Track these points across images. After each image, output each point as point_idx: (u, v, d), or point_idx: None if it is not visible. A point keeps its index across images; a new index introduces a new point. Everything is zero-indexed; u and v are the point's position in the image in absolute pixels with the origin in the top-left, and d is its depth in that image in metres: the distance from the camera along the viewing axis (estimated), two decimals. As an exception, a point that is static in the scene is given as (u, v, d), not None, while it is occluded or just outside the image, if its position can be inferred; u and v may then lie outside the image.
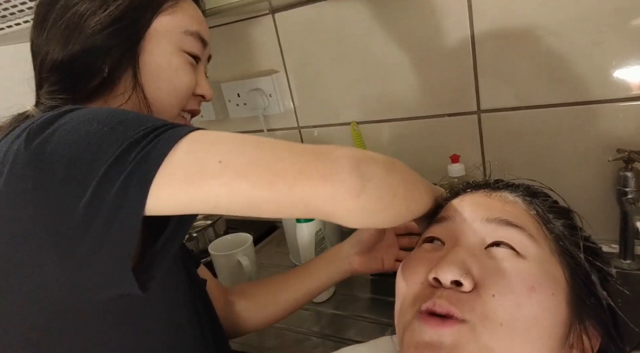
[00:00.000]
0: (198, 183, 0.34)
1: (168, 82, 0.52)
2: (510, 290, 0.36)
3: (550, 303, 0.37)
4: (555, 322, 0.37)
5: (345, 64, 0.96)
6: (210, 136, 0.36)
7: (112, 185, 0.33)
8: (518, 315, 0.35)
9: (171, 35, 0.52)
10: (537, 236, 0.40)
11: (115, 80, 0.50)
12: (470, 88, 0.85)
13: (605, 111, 0.76)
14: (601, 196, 0.79)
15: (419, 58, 0.88)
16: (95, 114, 0.37)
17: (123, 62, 0.49)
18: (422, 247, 0.45)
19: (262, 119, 1.09)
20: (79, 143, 0.35)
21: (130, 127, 0.36)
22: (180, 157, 0.34)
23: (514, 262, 0.38)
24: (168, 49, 0.52)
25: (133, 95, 0.50)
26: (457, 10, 0.81)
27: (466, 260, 0.38)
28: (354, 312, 0.80)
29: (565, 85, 0.78)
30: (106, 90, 0.50)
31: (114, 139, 0.35)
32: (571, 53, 0.75)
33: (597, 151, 0.78)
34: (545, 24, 0.75)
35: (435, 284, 0.39)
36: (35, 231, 0.35)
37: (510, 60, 0.80)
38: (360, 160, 0.36)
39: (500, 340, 0.35)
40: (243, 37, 1.07)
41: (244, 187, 0.34)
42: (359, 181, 0.35)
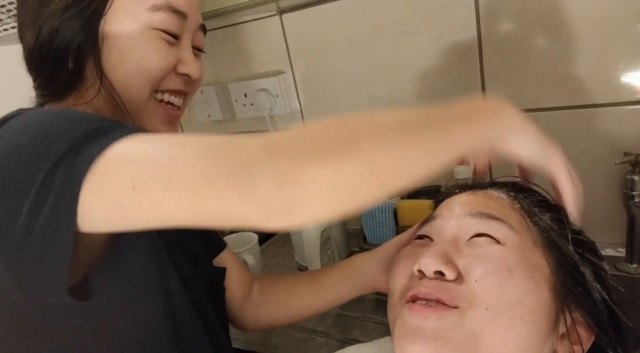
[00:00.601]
0: (119, 209, 0.33)
1: (136, 64, 0.48)
2: (490, 272, 0.38)
3: (529, 284, 0.38)
4: (538, 304, 0.38)
5: (352, 65, 0.97)
6: (128, 150, 0.34)
7: (42, 208, 0.33)
8: (501, 298, 0.37)
9: (136, 14, 0.47)
10: (519, 228, 0.42)
11: (81, 72, 0.47)
12: (477, 90, 0.85)
13: (612, 114, 0.76)
14: (608, 200, 0.79)
15: (426, 60, 0.89)
16: (26, 123, 0.37)
17: (84, 50, 0.46)
18: (412, 243, 0.48)
19: (269, 120, 1.10)
20: (10, 159, 0.34)
21: (55, 140, 0.34)
22: (98, 179, 0.33)
23: (492, 248, 0.40)
24: (134, 29, 0.47)
25: (101, 85, 0.47)
26: (465, 11, 0.81)
27: (448, 251, 0.41)
28: (359, 313, 0.81)
29: (573, 88, 0.78)
30: (77, 84, 0.48)
31: (39, 157, 0.34)
32: (579, 56, 0.75)
33: (604, 154, 0.78)
34: (553, 27, 0.76)
35: (420, 276, 0.41)
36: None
37: (517, 63, 0.80)
38: (286, 175, 0.30)
39: (486, 325, 0.36)
40: (250, 37, 1.07)
41: (164, 215, 0.33)
42: (282, 202, 0.30)
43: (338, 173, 0.30)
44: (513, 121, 0.39)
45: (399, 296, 0.43)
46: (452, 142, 0.35)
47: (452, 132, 0.35)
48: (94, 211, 0.33)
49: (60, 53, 0.47)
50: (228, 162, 0.31)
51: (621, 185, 0.74)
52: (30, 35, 0.47)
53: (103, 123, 0.36)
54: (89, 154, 0.33)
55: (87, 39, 0.46)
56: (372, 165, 0.31)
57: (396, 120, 0.34)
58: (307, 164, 0.30)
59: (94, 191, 0.33)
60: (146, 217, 0.33)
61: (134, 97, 0.49)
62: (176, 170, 0.32)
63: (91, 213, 0.33)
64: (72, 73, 0.47)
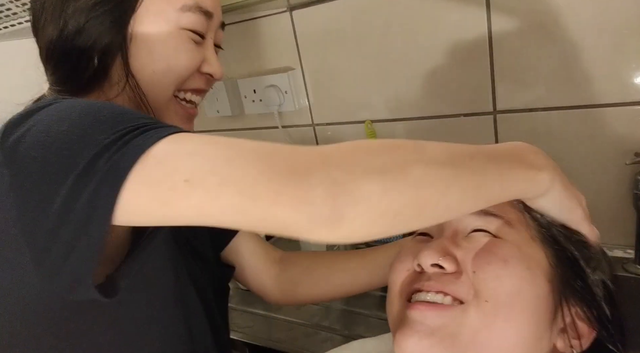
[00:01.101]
0: (166, 202, 0.32)
1: (164, 64, 0.48)
2: (487, 263, 0.38)
3: (525, 275, 0.38)
4: (536, 295, 0.38)
5: (361, 62, 0.97)
6: (181, 144, 0.33)
7: (79, 197, 0.32)
8: (499, 289, 0.37)
9: (166, 14, 0.47)
10: (517, 223, 0.42)
11: (107, 70, 0.47)
12: (487, 88, 0.85)
13: (623, 114, 0.75)
14: (618, 200, 0.79)
15: (435, 57, 0.88)
16: (69, 111, 0.36)
17: (112, 48, 0.46)
18: (411, 241, 0.48)
19: (277, 116, 1.10)
20: (50, 146, 0.33)
21: (102, 129, 0.34)
22: (147, 172, 0.32)
23: (488, 240, 0.41)
24: (164, 29, 0.47)
25: (128, 84, 0.47)
26: (475, 9, 0.81)
27: (447, 246, 0.41)
28: (364, 309, 0.81)
29: (584, 88, 0.77)
30: (100, 81, 0.48)
31: (83, 145, 0.33)
32: (590, 55, 0.75)
33: (614, 155, 0.77)
34: (565, 25, 0.75)
35: (420, 270, 0.41)
36: (11, 231, 0.34)
37: (528, 61, 0.80)
38: (341, 186, 0.30)
39: (486, 317, 0.37)
40: (260, 34, 1.08)
41: (213, 212, 0.32)
42: (334, 213, 0.30)
43: (386, 194, 0.30)
44: (548, 184, 0.39)
45: (398, 291, 0.43)
46: (491, 191, 0.35)
47: (492, 182, 0.35)
48: (136, 202, 0.32)
49: (87, 50, 0.46)
50: (286, 167, 0.31)
51: (631, 186, 0.73)
52: (52, 30, 0.47)
53: (151, 120, 0.36)
54: (139, 146, 0.32)
55: (116, 37, 0.46)
56: (417, 194, 0.31)
57: (445, 155, 0.34)
58: (361, 179, 0.30)
59: (141, 182, 0.32)
60: (192, 213, 0.32)
61: (158, 95, 0.49)
62: (234, 168, 0.31)
63: (132, 205, 0.32)
64: (97, 70, 0.47)
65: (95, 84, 0.48)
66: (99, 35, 0.46)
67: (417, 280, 0.41)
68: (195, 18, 0.49)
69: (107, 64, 0.47)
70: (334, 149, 0.33)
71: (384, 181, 0.31)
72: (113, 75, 0.47)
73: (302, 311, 0.73)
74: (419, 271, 0.42)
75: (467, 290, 0.38)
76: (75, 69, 0.47)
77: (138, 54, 0.47)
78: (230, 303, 0.67)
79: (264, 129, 1.18)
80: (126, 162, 0.32)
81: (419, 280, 0.41)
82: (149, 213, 0.33)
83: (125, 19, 0.46)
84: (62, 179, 0.32)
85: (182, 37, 0.49)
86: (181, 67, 0.49)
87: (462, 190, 0.33)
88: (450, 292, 0.39)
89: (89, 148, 0.33)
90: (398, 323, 0.40)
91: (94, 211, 0.32)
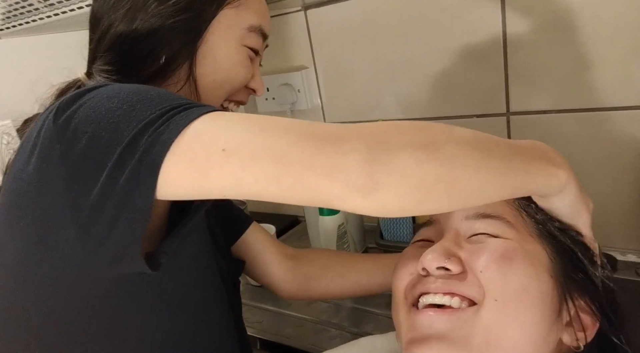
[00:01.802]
0: (204, 172, 0.33)
1: (225, 75, 0.52)
2: (493, 261, 0.39)
3: (530, 271, 0.39)
4: (541, 291, 0.38)
5: (375, 62, 0.97)
6: (220, 120, 0.35)
7: (124, 168, 0.34)
8: (506, 286, 0.38)
9: (234, 30, 0.51)
10: (515, 222, 0.42)
11: (171, 70, 0.49)
12: (500, 89, 0.85)
13: (638, 118, 0.74)
14: (631, 204, 0.78)
15: (449, 57, 0.88)
16: (119, 90, 0.37)
17: (182, 53, 0.49)
18: (412, 246, 0.49)
19: (290, 114, 1.11)
20: (99, 121, 0.35)
21: (148, 106, 0.35)
22: (187, 144, 0.33)
23: (491, 240, 0.41)
24: (230, 44, 0.51)
25: (185, 85, 0.50)
26: (490, 9, 0.81)
27: (450, 247, 0.41)
28: (374, 308, 0.81)
29: (598, 91, 0.76)
30: (159, 78, 0.50)
31: (130, 119, 0.35)
32: (606, 58, 0.74)
33: (628, 158, 0.77)
34: (581, 27, 0.74)
35: (425, 274, 0.41)
36: (59, 206, 0.35)
37: (543, 63, 0.79)
38: (376, 153, 0.30)
39: (496, 316, 0.37)
40: (275, 32, 1.08)
41: (248, 180, 0.33)
42: (368, 180, 0.30)
43: (420, 167, 0.31)
44: (564, 182, 0.39)
45: (403, 296, 0.43)
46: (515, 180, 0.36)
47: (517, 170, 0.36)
48: (176, 174, 0.33)
49: (156, 50, 0.48)
50: (320, 134, 0.32)
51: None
52: (125, 23, 0.48)
53: (195, 103, 0.37)
54: (180, 121, 0.34)
55: (188, 45, 0.49)
56: (450, 170, 0.31)
57: (474, 138, 0.34)
58: (396, 149, 0.31)
59: (181, 154, 0.33)
60: (229, 182, 0.33)
61: (209, 102, 0.51)
62: (268, 137, 0.32)
63: (173, 177, 0.33)
64: (160, 69, 0.49)
65: (152, 81, 0.50)
66: (172, 40, 0.48)
67: (422, 283, 0.41)
68: (256, 38, 0.53)
69: (172, 66, 0.49)
70: (366, 125, 0.33)
71: (418, 154, 0.31)
72: (173, 77, 0.50)
73: (311, 308, 0.74)
74: (423, 274, 0.42)
75: (477, 289, 0.39)
76: (139, 64, 0.49)
77: (203, 62, 0.50)
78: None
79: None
80: (168, 136, 0.33)
81: (424, 284, 0.41)
82: (189, 185, 0.34)
83: (200, 31, 0.49)
84: (108, 153, 0.34)
85: (243, 53, 0.52)
86: (238, 81, 0.53)
87: (491, 172, 0.33)
88: (458, 292, 0.39)
89: (135, 123, 0.34)
90: (407, 330, 0.40)
91: (138, 183, 0.34)
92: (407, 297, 0.42)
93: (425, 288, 0.40)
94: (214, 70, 0.51)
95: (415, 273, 0.43)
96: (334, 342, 0.74)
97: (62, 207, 0.35)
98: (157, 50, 0.48)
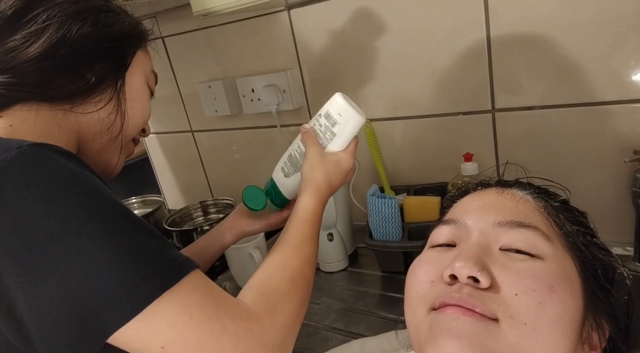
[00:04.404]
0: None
1: (141, 105, 0.57)
2: (533, 289, 0.36)
3: (570, 301, 0.37)
4: (574, 318, 0.37)
5: (360, 60, 0.97)
6: (170, 313, 0.39)
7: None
8: (541, 314, 0.35)
9: (145, 69, 0.57)
10: (550, 234, 0.40)
11: (96, 90, 0.51)
12: (485, 87, 0.85)
13: (622, 112, 0.75)
14: (617, 198, 0.79)
15: (434, 56, 0.88)
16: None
17: (110, 76, 0.52)
18: (433, 249, 0.44)
19: (276, 115, 1.10)
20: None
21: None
22: (135, 328, 0.38)
23: (531, 262, 0.38)
24: (142, 80, 0.57)
25: (107, 106, 0.52)
26: (474, 8, 0.81)
27: (482, 256, 0.38)
28: (364, 308, 0.81)
29: (582, 86, 0.77)
30: (82, 96, 0.50)
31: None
32: (589, 53, 0.75)
33: (613, 152, 0.77)
34: (563, 24, 0.75)
35: (450, 282, 0.38)
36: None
37: (526, 60, 0.80)
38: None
39: (524, 339, 0.35)
40: (258, 32, 1.07)
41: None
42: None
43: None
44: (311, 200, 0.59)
45: (422, 303, 0.39)
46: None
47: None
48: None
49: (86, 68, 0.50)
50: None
51: (630, 183, 0.73)
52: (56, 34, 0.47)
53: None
54: (144, 298, 0.39)
55: (120, 69, 0.54)
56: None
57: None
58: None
59: (129, 333, 0.38)
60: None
61: (129, 130, 0.56)
62: (202, 333, 0.40)
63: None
64: (85, 87, 0.50)
65: (74, 97, 0.50)
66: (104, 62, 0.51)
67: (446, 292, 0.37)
68: (153, 81, 0.61)
69: (98, 88, 0.51)
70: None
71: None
72: (97, 95, 0.51)
73: (302, 311, 0.74)
74: (448, 282, 0.38)
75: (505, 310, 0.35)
76: (61, 79, 0.49)
77: (127, 91, 0.54)
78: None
79: (262, 128, 1.18)
80: (119, 316, 0.38)
81: (448, 293, 0.37)
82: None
83: (127, 59, 0.55)
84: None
85: (147, 91, 0.58)
86: (147, 114, 0.59)
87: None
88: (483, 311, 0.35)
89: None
90: (431, 328, 0.37)
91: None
92: (427, 304, 0.39)
93: (449, 298, 0.36)
94: (134, 98, 0.55)
95: (437, 280, 0.39)
96: (325, 344, 0.74)
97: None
98: (84, 68, 0.50)
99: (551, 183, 0.47)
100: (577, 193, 0.48)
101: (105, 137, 0.54)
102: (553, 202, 0.44)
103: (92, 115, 0.52)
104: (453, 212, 0.46)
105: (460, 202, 0.48)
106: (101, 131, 0.53)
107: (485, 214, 0.42)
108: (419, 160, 0.98)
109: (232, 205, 1.22)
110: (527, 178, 0.49)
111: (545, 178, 0.48)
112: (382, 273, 0.90)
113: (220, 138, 1.28)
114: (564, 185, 0.47)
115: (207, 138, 1.31)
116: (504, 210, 0.42)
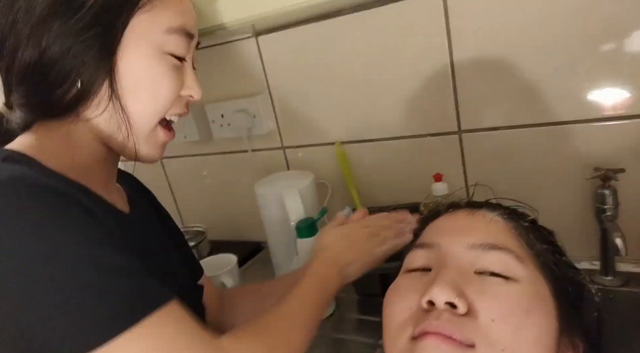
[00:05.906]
0: None
1: (149, 91, 0.47)
2: (510, 314, 0.36)
3: (545, 323, 0.37)
4: (550, 339, 0.37)
5: (329, 84, 0.98)
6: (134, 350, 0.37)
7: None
8: (519, 339, 0.35)
9: (151, 37, 0.46)
10: (522, 255, 0.40)
11: (90, 93, 0.45)
12: (451, 109, 0.87)
13: (581, 131, 0.78)
14: (582, 214, 0.81)
15: (401, 79, 0.90)
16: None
17: (98, 73, 0.45)
18: (408, 274, 0.44)
19: (247, 140, 1.10)
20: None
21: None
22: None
23: (506, 286, 0.38)
24: (148, 53, 0.46)
25: (109, 106, 0.46)
26: (436, 35, 0.83)
27: (458, 281, 0.38)
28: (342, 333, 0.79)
29: (543, 106, 0.80)
30: (80, 104, 0.46)
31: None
32: (548, 76, 0.78)
33: (575, 170, 0.80)
34: (524, 47, 0.78)
35: (428, 308, 0.38)
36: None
37: (489, 83, 0.82)
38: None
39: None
40: (227, 59, 1.07)
41: None
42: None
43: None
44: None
45: (402, 330, 0.39)
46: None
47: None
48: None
49: (70, 74, 0.44)
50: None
51: (593, 200, 0.76)
52: (29, 51, 0.44)
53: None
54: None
55: (105, 61, 0.45)
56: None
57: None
58: None
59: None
60: None
61: (141, 123, 0.48)
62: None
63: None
64: (78, 95, 0.45)
65: (73, 107, 0.46)
66: (85, 60, 0.44)
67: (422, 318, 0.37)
68: (179, 41, 0.48)
69: (91, 89, 0.45)
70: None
71: None
72: (95, 98, 0.46)
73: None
74: (425, 309, 0.38)
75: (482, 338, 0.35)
76: (57, 93, 0.45)
77: (122, 78, 0.46)
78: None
79: (232, 153, 1.17)
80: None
81: (428, 319, 0.37)
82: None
83: (112, 45, 0.45)
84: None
85: (165, 62, 0.48)
86: (165, 94, 0.49)
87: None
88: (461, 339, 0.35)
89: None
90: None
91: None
92: (405, 332, 0.39)
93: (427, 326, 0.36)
94: (136, 86, 0.46)
95: (416, 307, 0.39)
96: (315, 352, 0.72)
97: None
98: (71, 74, 0.44)
99: (519, 204, 0.48)
100: (543, 211, 0.49)
101: (119, 137, 0.48)
102: (522, 222, 0.45)
103: (98, 120, 0.47)
104: (426, 235, 0.46)
105: (433, 224, 0.48)
106: (113, 133, 0.48)
107: (458, 237, 0.42)
108: (391, 181, 0.99)
109: (203, 232, 1.19)
110: (495, 199, 0.50)
111: (512, 200, 0.49)
112: (357, 297, 0.89)
113: (189, 163, 1.25)
114: (531, 206, 0.48)
115: (176, 164, 1.28)
116: (477, 232, 0.42)
